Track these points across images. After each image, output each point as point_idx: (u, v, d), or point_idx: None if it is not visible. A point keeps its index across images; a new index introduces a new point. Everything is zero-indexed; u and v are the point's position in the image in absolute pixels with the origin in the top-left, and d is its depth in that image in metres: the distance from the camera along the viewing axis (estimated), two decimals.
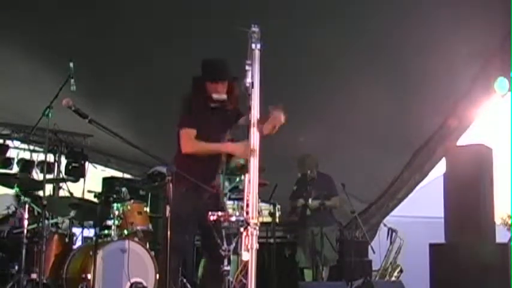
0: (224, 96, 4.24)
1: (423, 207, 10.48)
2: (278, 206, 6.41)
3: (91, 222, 6.46)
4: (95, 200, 5.96)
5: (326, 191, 6.78)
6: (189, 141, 4.17)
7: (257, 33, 3.24)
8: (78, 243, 6.11)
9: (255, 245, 3.12)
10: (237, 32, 3.19)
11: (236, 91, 4.21)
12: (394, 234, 7.01)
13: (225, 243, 3.45)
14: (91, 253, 4.99)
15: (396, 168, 8.06)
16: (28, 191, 5.77)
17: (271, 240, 6.20)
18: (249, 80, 3.25)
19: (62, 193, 6.84)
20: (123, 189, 5.84)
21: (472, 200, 5.97)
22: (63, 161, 8.54)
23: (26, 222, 5.27)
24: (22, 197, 5.49)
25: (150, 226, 5.75)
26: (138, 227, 5.56)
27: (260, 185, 3.34)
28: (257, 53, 3.23)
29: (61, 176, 7.59)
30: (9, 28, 6.04)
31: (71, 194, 6.39)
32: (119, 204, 5.58)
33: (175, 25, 5.88)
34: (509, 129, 6.10)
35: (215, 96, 4.23)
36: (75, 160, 8.58)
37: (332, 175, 7.02)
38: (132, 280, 5.00)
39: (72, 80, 4.98)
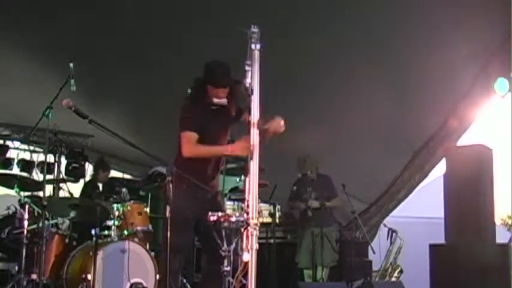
0: (225, 101, 4.24)
1: (423, 207, 10.47)
2: (278, 207, 6.40)
3: None
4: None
5: (326, 192, 6.78)
6: (189, 145, 4.15)
7: (257, 33, 3.24)
8: None
9: (255, 246, 3.12)
10: (237, 33, 3.19)
11: (237, 94, 4.21)
12: (394, 234, 7.00)
13: (225, 243, 3.45)
14: (91, 253, 4.99)
15: (396, 168, 8.05)
16: (28, 191, 5.76)
17: (271, 241, 6.20)
18: (248, 80, 3.25)
19: (62, 194, 6.83)
20: (123, 189, 5.84)
21: (472, 200, 5.95)
22: (63, 161, 8.54)
23: (26, 223, 5.28)
24: (22, 198, 5.50)
25: (150, 227, 5.75)
26: (138, 228, 5.57)
27: (260, 185, 3.34)
28: (257, 54, 3.23)
29: (61, 176, 7.58)
30: (9, 28, 6.04)
31: (71, 194, 6.39)
32: (119, 205, 5.58)
33: (175, 25, 5.88)
34: (509, 129, 6.10)
35: (216, 100, 4.22)
36: (75, 160, 8.58)
37: (332, 175, 7.01)
38: (132, 280, 4.99)
39: (72, 81, 4.97)
